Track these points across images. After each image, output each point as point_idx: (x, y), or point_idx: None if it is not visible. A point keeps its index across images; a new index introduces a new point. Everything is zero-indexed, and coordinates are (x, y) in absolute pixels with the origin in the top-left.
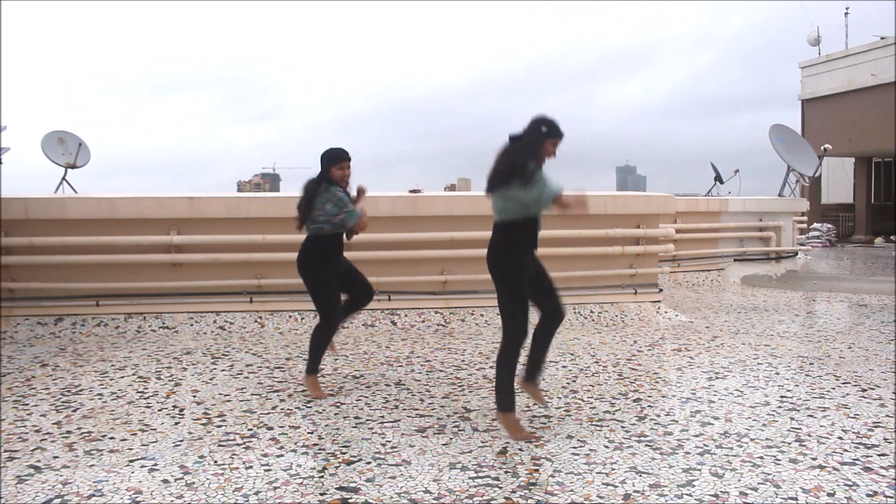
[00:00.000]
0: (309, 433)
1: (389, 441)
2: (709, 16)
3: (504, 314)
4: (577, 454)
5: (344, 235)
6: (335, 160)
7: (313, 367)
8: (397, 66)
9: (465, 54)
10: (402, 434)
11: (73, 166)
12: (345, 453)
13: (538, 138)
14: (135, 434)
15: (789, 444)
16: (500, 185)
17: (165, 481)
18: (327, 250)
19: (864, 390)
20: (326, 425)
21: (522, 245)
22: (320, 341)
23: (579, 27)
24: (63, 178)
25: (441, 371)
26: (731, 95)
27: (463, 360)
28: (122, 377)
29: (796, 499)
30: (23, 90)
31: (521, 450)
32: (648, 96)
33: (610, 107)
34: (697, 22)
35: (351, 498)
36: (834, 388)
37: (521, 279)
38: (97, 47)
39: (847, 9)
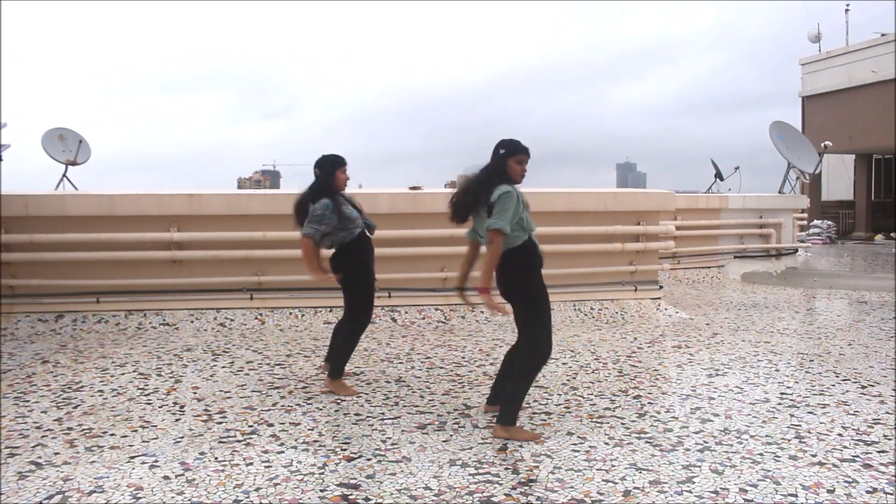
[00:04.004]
0: (309, 430)
1: (390, 438)
2: (728, 15)
3: (525, 329)
4: (577, 451)
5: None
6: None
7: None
8: (413, 63)
9: (482, 52)
10: (403, 431)
11: (74, 163)
12: (345, 450)
13: (499, 162)
14: (135, 431)
15: (789, 440)
16: (467, 213)
17: (166, 478)
18: (359, 249)
19: (863, 387)
20: (327, 422)
21: (534, 264)
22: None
23: (596, 25)
24: (63, 175)
25: (441, 368)
26: (740, 93)
27: (463, 357)
28: (123, 374)
29: (796, 495)
30: (26, 87)
31: (521, 447)
32: (660, 94)
33: (620, 105)
34: (716, 21)
35: (351, 494)
36: (834, 385)
37: (539, 294)
38: (109, 45)
39: (848, 6)
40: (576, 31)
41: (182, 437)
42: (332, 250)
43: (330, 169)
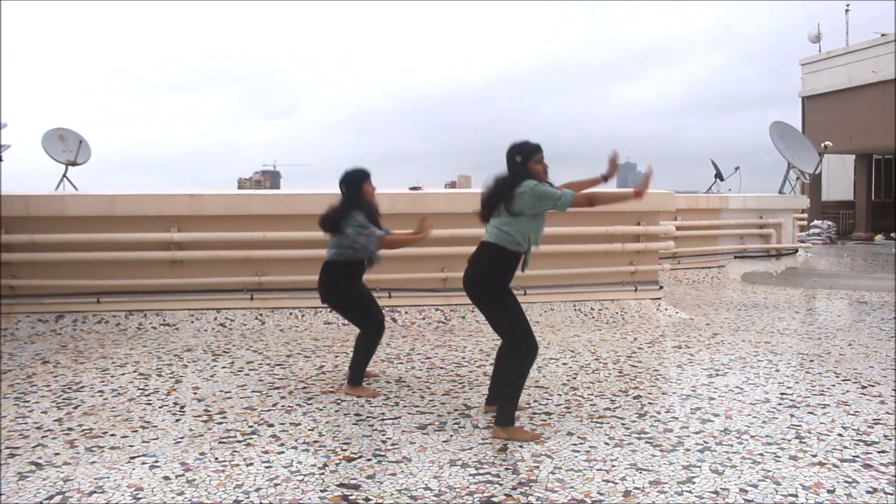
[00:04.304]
0: (309, 430)
1: (390, 438)
2: (729, 15)
3: (504, 334)
4: (578, 451)
5: (365, 263)
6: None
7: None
8: (413, 64)
9: (483, 52)
10: (403, 431)
11: (74, 163)
12: (345, 450)
13: (520, 169)
14: (136, 431)
15: (789, 440)
16: (494, 210)
17: (166, 478)
18: (350, 274)
19: (864, 387)
20: (327, 422)
21: (507, 272)
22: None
23: (596, 26)
24: (64, 176)
25: (441, 368)
26: (741, 93)
27: (463, 358)
28: (123, 374)
29: (796, 496)
30: (26, 88)
31: (521, 447)
32: (661, 94)
33: (621, 105)
34: (717, 21)
35: (352, 495)
36: (834, 385)
37: (506, 295)
38: (110, 45)
39: (848, 6)
40: (576, 31)
41: (182, 438)
42: (325, 263)
43: (356, 185)
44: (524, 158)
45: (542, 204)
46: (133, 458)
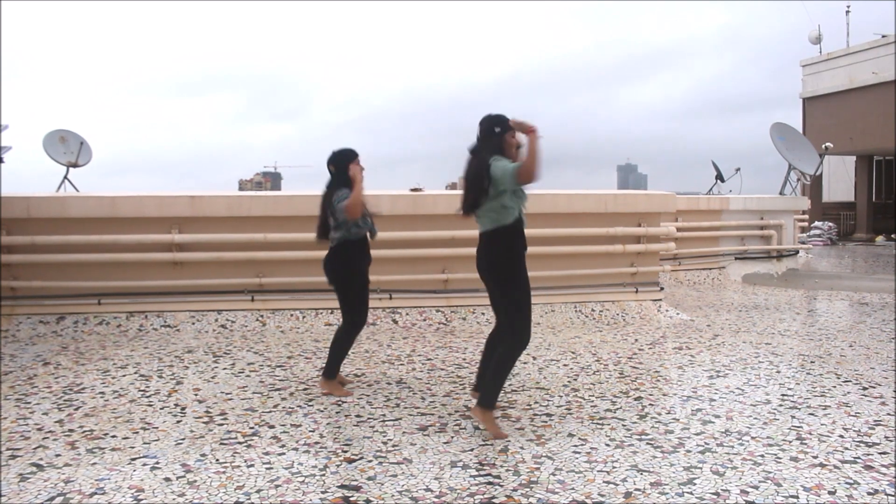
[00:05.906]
0: (310, 431)
1: (391, 439)
2: (734, 17)
3: (505, 319)
4: (579, 452)
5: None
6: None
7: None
8: (420, 65)
9: (490, 54)
10: (404, 432)
11: (75, 165)
12: (346, 451)
13: (497, 140)
14: (137, 432)
15: (790, 442)
16: (479, 201)
17: (167, 479)
18: (355, 251)
19: (864, 388)
20: (328, 423)
21: (517, 247)
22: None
23: (606, 28)
24: (65, 177)
25: (442, 369)
26: (744, 95)
27: (464, 359)
28: (124, 376)
29: (797, 497)
30: (27, 89)
31: (522, 448)
32: (664, 97)
33: (625, 107)
34: (722, 24)
35: (352, 496)
36: (835, 387)
37: (518, 279)
38: (118, 47)
39: (848, 8)
40: (583, 34)
41: (183, 439)
42: (330, 248)
43: (344, 164)
44: (503, 130)
45: (495, 178)
46: (134, 459)
